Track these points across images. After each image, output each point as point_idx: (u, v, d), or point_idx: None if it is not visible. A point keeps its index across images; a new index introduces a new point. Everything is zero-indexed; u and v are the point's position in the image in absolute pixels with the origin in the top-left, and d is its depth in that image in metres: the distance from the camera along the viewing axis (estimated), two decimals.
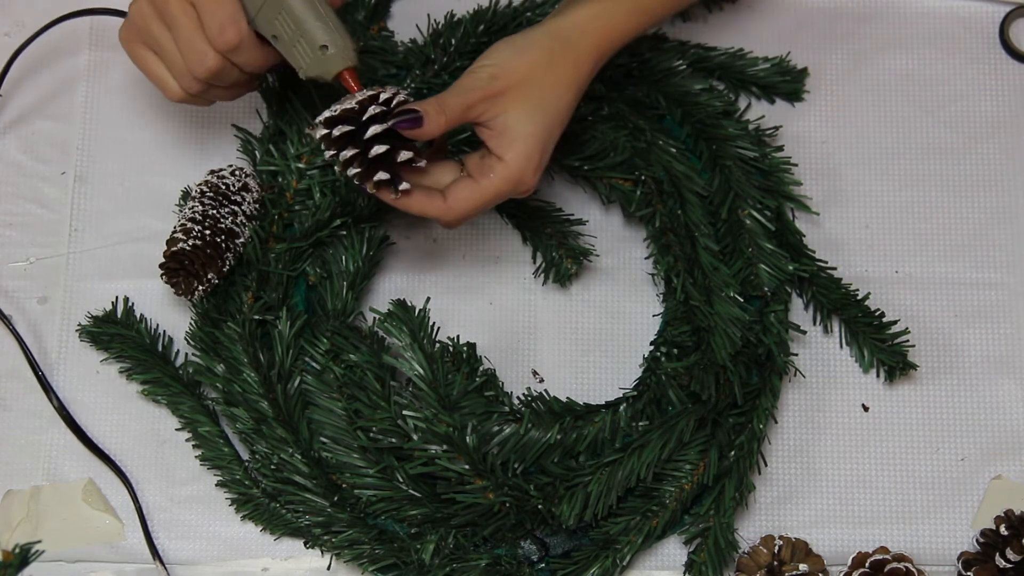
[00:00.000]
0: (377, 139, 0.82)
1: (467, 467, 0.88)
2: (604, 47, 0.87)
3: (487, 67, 0.84)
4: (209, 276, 0.91)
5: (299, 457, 0.90)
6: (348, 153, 0.82)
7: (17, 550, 0.91)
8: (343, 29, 0.85)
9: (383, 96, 0.83)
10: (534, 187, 0.86)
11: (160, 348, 0.95)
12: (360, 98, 0.82)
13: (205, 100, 0.89)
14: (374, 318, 0.91)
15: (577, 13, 0.87)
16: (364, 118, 0.82)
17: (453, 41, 0.98)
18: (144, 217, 0.98)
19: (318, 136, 0.83)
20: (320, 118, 0.82)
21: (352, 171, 0.83)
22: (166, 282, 0.91)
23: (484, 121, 0.84)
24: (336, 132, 0.82)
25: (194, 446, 0.93)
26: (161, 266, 0.91)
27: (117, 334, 0.95)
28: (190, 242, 0.90)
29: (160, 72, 0.87)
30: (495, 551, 0.90)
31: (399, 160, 0.83)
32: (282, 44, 0.85)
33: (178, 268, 0.90)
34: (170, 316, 0.96)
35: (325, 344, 0.92)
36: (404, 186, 0.83)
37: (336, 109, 0.82)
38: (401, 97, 0.83)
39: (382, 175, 0.82)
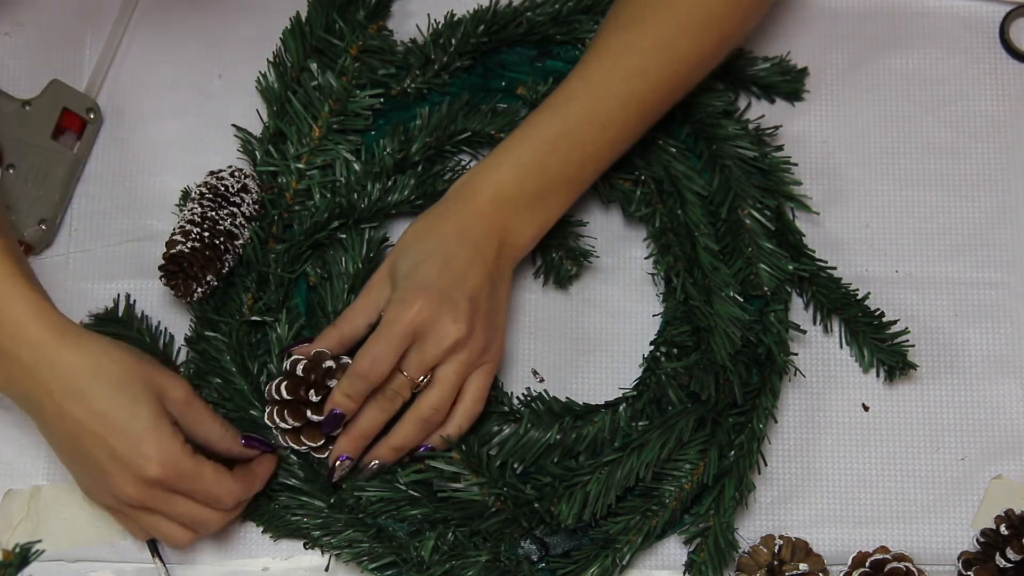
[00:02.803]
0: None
1: (463, 465, 0.88)
2: (505, 184, 0.87)
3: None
4: (208, 278, 0.91)
5: (295, 460, 0.90)
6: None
7: (17, 550, 0.91)
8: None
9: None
10: (449, 325, 0.84)
11: (161, 348, 0.95)
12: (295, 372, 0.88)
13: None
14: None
15: (477, 165, 0.89)
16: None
17: (453, 41, 0.98)
18: (144, 217, 0.98)
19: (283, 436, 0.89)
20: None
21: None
22: (165, 284, 0.91)
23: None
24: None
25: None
26: (160, 268, 0.91)
27: (117, 333, 0.94)
28: (188, 244, 0.90)
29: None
30: (494, 549, 0.90)
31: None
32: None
33: (177, 271, 0.90)
34: (171, 315, 0.96)
35: None
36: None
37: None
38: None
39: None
